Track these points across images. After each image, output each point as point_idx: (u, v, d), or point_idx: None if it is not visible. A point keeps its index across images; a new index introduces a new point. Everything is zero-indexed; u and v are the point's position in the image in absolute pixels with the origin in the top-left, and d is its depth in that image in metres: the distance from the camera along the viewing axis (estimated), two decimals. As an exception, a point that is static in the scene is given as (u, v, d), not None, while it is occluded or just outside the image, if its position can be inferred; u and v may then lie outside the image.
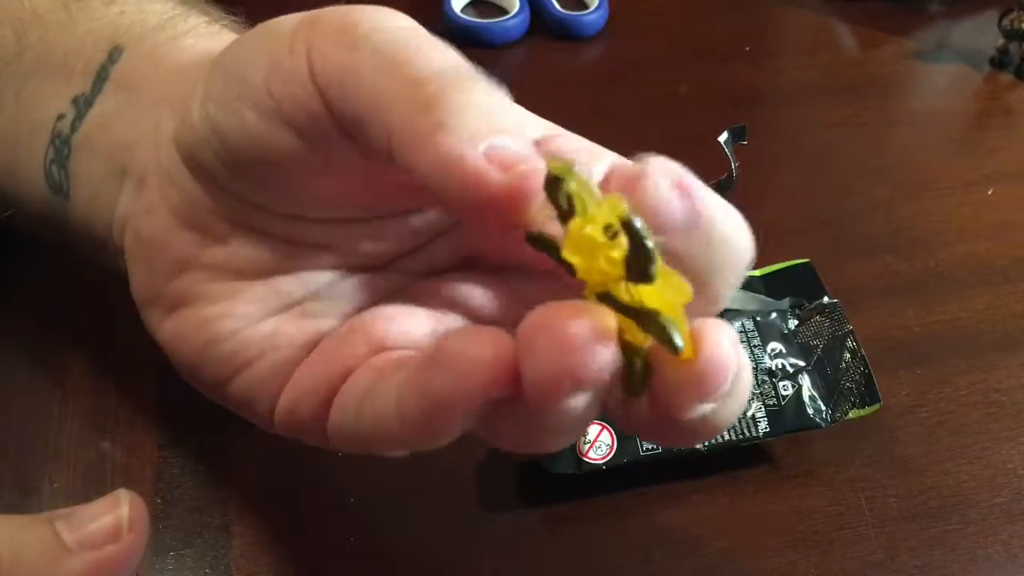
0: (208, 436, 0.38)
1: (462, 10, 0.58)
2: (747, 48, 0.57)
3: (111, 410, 0.38)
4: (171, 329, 0.28)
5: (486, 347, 0.21)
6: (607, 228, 0.20)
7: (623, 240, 0.20)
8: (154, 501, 0.36)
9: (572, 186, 0.21)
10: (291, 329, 0.27)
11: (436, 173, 0.22)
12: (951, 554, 0.36)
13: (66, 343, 0.40)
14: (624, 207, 0.20)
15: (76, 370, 0.39)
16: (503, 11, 0.58)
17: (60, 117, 0.33)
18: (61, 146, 0.33)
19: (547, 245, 0.22)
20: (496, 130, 0.22)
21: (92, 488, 0.36)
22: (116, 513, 0.25)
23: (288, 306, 0.27)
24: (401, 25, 0.25)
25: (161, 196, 0.29)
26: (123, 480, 0.36)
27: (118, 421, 0.38)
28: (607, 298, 0.21)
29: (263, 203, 0.27)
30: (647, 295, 0.21)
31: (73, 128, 0.32)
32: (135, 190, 0.30)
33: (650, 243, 0.20)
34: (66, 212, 0.33)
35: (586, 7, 0.58)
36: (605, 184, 0.23)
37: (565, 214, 0.21)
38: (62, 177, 0.33)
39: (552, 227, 0.22)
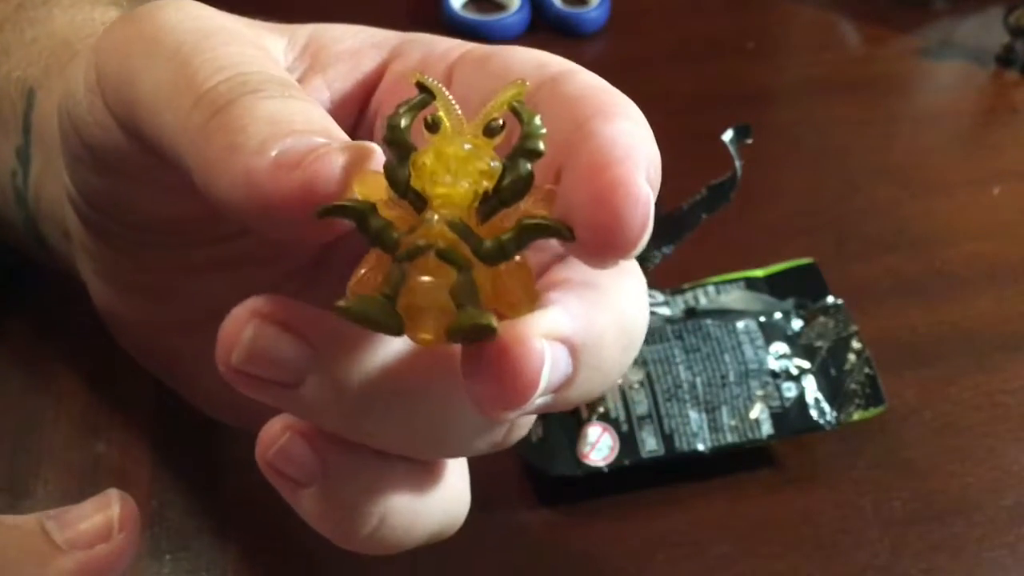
0: (203, 437, 0.37)
1: (462, 7, 0.57)
2: (750, 45, 0.57)
3: (105, 411, 0.38)
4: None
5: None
6: (488, 124, 0.19)
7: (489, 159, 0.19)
8: (150, 504, 0.36)
9: (441, 105, 0.20)
10: None
11: (232, 200, 0.20)
12: (956, 557, 0.35)
13: (60, 344, 0.40)
14: (525, 87, 0.19)
15: (70, 371, 0.39)
16: (503, 8, 0.57)
17: (14, 173, 0.32)
18: (23, 206, 0.32)
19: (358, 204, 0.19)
20: (286, 132, 0.20)
21: (86, 490, 0.35)
22: (107, 513, 0.25)
23: None
24: (190, 26, 0.23)
25: (89, 266, 0.29)
26: (118, 482, 0.36)
27: (113, 423, 0.38)
28: (458, 227, 0.19)
29: (160, 235, 0.26)
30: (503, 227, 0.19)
31: (25, 185, 0.32)
32: (77, 254, 0.30)
33: (540, 119, 0.19)
34: (56, 262, 0.32)
35: (587, 3, 0.57)
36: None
37: (432, 126, 0.19)
38: (38, 237, 0.33)
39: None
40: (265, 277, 0.27)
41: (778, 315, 0.39)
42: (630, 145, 0.20)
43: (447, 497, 0.24)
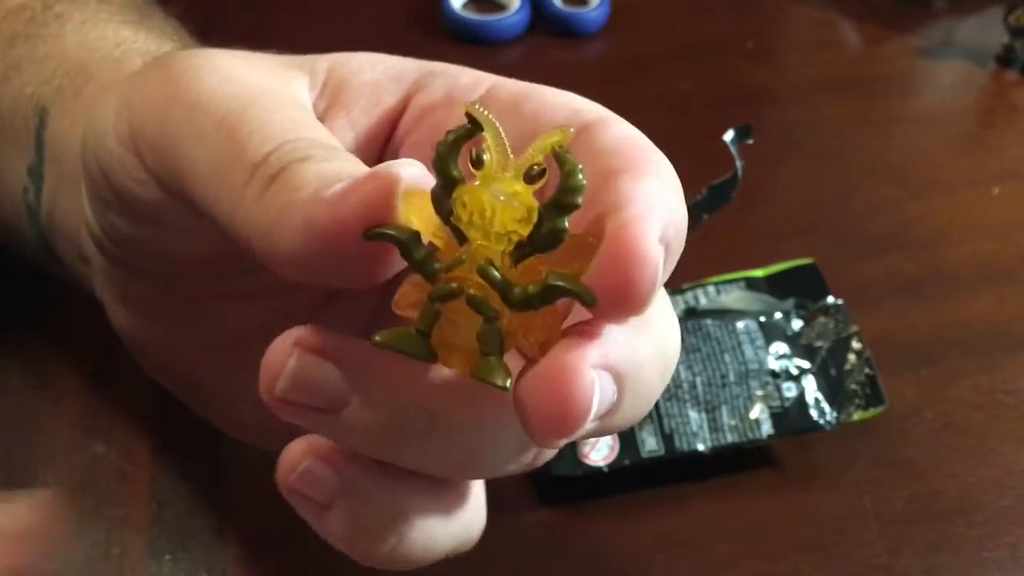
0: (204, 437, 0.37)
1: (462, 7, 0.57)
2: (750, 45, 0.57)
3: (105, 412, 0.38)
4: None
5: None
6: (529, 170, 0.20)
7: (531, 207, 0.20)
8: (150, 504, 0.36)
9: (489, 137, 0.20)
10: None
11: (296, 254, 0.21)
12: (956, 557, 0.35)
13: (60, 344, 0.40)
14: (570, 134, 0.20)
15: (70, 371, 0.39)
16: (503, 8, 0.57)
17: (26, 190, 0.32)
18: (35, 222, 0.32)
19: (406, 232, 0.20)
20: (337, 180, 0.21)
21: (86, 491, 0.36)
22: (29, 505, 0.25)
23: None
24: (229, 90, 0.23)
25: (108, 291, 0.29)
26: (118, 483, 0.36)
27: (113, 423, 0.38)
28: (486, 272, 0.20)
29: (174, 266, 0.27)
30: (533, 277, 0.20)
31: (38, 202, 0.32)
32: (96, 278, 0.30)
33: (581, 171, 0.20)
34: (71, 279, 0.33)
35: (587, 3, 0.57)
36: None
37: (476, 163, 0.20)
38: (52, 254, 0.33)
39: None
40: (287, 302, 0.28)
41: (778, 315, 0.39)
42: (650, 207, 0.20)
43: (468, 515, 0.25)
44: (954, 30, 0.58)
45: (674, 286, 0.41)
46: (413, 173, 0.20)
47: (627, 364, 0.21)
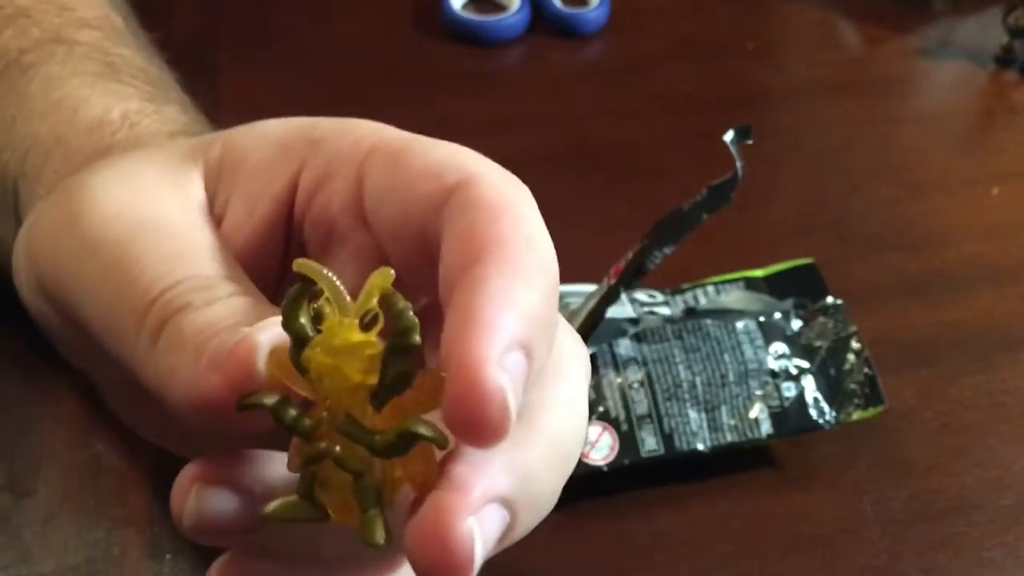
0: (205, 437, 0.37)
1: (462, 7, 0.57)
2: (750, 46, 0.57)
3: (106, 411, 0.38)
4: None
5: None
6: (364, 317, 0.20)
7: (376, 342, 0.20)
8: (150, 503, 0.36)
9: (323, 289, 0.20)
10: None
11: (184, 411, 0.22)
12: (955, 557, 0.36)
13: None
14: (391, 276, 0.20)
15: (70, 370, 0.39)
16: (503, 8, 0.57)
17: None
18: None
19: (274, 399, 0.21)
20: (210, 337, 0.22)
21: (87, 490, 0.36)
22: None
23: None
24: (113, 233, 0.24)
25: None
26: (118, 482, 0.36)
27: (113, 422, 0.38)
28: (348, 424, 0.20)
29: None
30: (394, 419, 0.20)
31: None
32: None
33: (410, 311, 0.20)
34: None
35: (587, 3, 0.58)
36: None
37: (317, 318, 0.21)
38: None
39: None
40: None
41: (778, 315, 0.39)
42: (493, 321, 0.20)
43: None
44: (953, 31, 0.58)
45: (674, 286, 0.41)
46: (271, 336, 0.21)
47: (511, 484, 0.21)
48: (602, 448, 0.36)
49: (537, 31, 0.57)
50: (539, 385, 0.21)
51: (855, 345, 0.39)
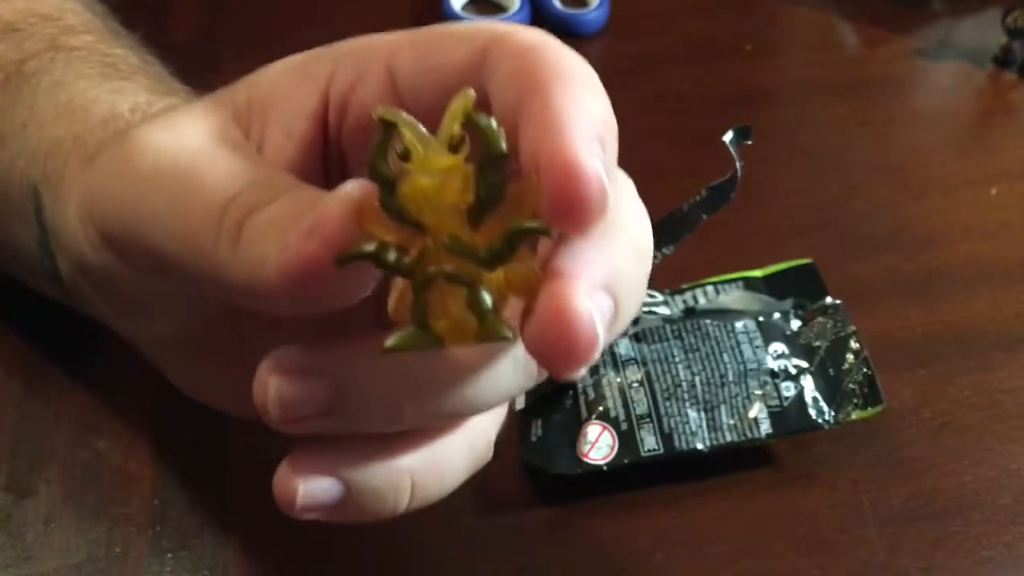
0: (205, 435, 0.37)
1: (462, 8, 0.57)
2: (749, 47, 0.57)
3: (107, 410, 0.38)
4: None
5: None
6: (450, 143, 0.21)
7: (464, 169, 0.21)
8: (151, 502, 0.36)
9: (405, 131, 0.21)
10: None
11: (281, 300, 0.22)
12: (954, 556, 0.36)
13: (62, 342, 0.40)
14: (471, 96, 0.21)
15: (72, 369, 0.39)
16: (503, 9, 0.58)
17: (40, 260, 0.33)
18: (59, 285, 0.33)
19: (376, 249, 0.21)
20: (290, 223, 0.22)
21: (88, 489, 0.36)
22: None
23: None
24: (182, 145, 0.25)
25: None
26: (120, 480, 0.36)
27: (114, 421, 0.38)
28: (456, 246, 0.21)
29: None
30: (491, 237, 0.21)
31: (56, 270, 0.32)
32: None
33: (495, 123, 0.21)
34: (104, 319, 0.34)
35: (587, 5, 0.58)
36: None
37: (404, 156, 0.21)
38: (82, 308, 0.34)
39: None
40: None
41: (777, 315, 0.39)
42: (570, 121, 0.21)
43: (468, 437, 0.26)
44: (952, 31, 0.58)
45: (673, 286, 0.41)
46: (356, 190, 0.21)
47: (611, 274, 0.22)
48: (602, 447, 0.36)
49: (537, 32, 0.57)
50: (616, 191, 0.22)
51: (854, 345, 0.39)
